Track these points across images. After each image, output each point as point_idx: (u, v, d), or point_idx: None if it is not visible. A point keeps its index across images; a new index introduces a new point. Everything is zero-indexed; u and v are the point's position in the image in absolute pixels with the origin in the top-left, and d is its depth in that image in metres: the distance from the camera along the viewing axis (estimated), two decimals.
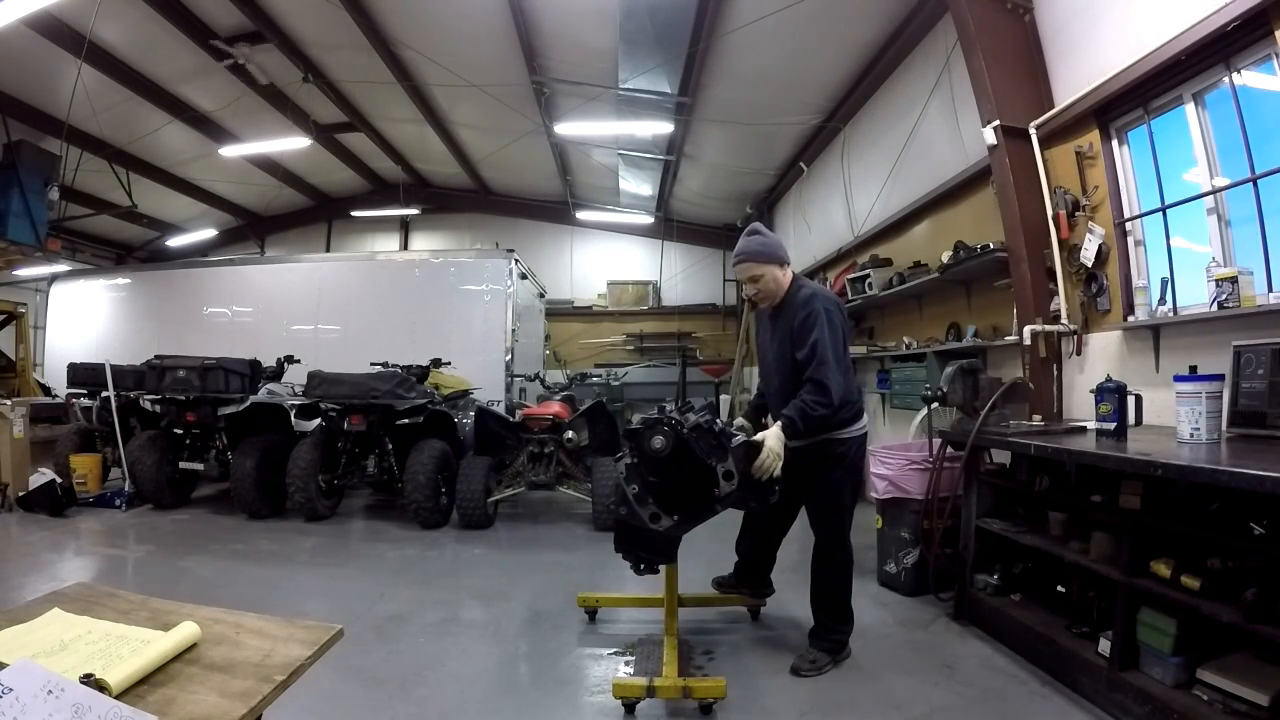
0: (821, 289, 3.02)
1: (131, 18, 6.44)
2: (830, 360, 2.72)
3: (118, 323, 9.06)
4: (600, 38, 6.32)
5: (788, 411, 2.70)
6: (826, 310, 2.80)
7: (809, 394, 2.71)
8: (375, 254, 10.75)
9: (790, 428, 2.67)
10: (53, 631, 1.21)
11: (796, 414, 2.68)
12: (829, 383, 2.69)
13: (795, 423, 2.67)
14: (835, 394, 2.70)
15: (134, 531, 5.22)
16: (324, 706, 2.47)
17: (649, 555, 2.75)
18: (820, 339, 2.74)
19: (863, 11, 5.67)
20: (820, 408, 2.69)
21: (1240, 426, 2.62)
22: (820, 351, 2.73)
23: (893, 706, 2.58)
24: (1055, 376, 4.03)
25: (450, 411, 6.06)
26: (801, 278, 3.06)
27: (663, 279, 12.69)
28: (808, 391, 2.72)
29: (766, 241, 2.97)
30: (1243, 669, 2.18)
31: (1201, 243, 3.38)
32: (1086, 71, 3.77)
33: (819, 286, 3.07)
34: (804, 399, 2.70)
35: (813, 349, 2.75)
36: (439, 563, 4.55)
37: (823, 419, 2.73)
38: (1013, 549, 3.25)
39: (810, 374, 2.74)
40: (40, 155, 7.68)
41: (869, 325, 7.27)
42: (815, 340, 2.75)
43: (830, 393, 2.69)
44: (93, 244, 12.19)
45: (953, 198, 5.43)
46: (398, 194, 11.77)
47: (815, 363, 2.73)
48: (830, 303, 2.87)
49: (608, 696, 2.56)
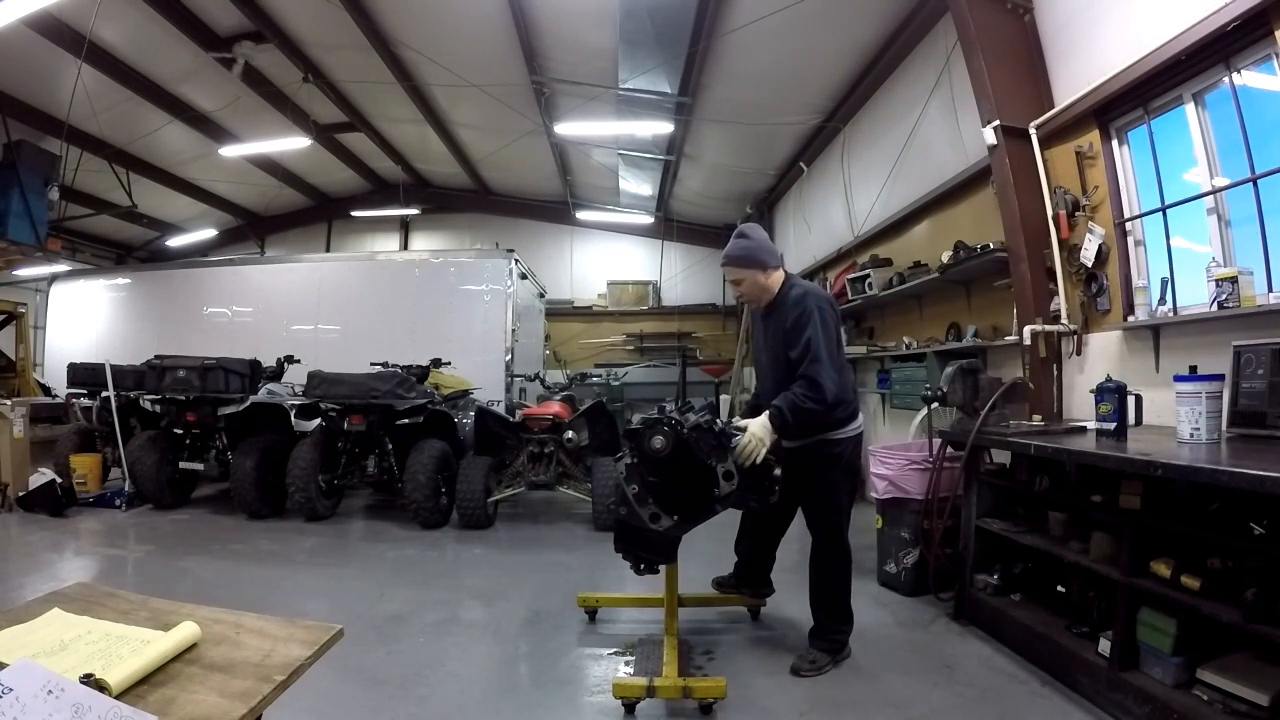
0: (814, 287, 3.01)
1: (131, 18, 6.44)
2: (823, 358, 2.71)
3: (118, 323, 9.06)
4: (600, 38, 6.32)
5: (777, 402, 2.68)
6: (819, 309, 2.79)
7: (800, 388, 2.69)
8: (375, 254, 10.74)
9: (778, 418, 2.65)
10: (53, 631, 1.21)
11: (786, 405, 2.66)
12: (822, 379, 2.67)
13: (784, 413, 2.65)
14: (829, 391, 2.68)
15: (134, 531, 5.22)
16: (324, 706, 2.47)
17: (649, 555, 2.75)
18: (813, 337, 2.73)
19: (863, 11, 5.67)
20: (810, 402, 2.66)
21: (1240, 426, 2.62)
22: (814, 349, 2.72)
23: (893, 706, 2.58)
24: (1055, 376, 4.03)
25: (450, 411, 6.06)
26: (795, 277, 3.04)
27: (663, 279, 12.69)
28: (799, 386, 2.70)
29: (747, 245, 2.96)
30: (1243, 669, 2.18)
31: (1201, 243, 3.38)
32: (1086, 71, 3.77)
33: (811, 285, 3.05)
34: (794, 391, 2.69)
35: (806, 346, 2.73)
36: (439, 563, 4.55)
37: (813, 414, 2.70)
38: (1013, 549, 3.24)
39: (804, 371, 2.72)
40: (40, 155, 7.68)
41: (869, 325, 7.27)
42: (809, 338, 2.74)
43: (823, 389, 2.67)
44: (93, 244, 12.19)
45: (953, 198, 5.43)
46: (398, 194, 11.76)
47: (809, 360, 2.72)
48: (823, 301, 2.85)
49: (608, 696, 2.56)
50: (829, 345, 2.76)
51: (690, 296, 12.64)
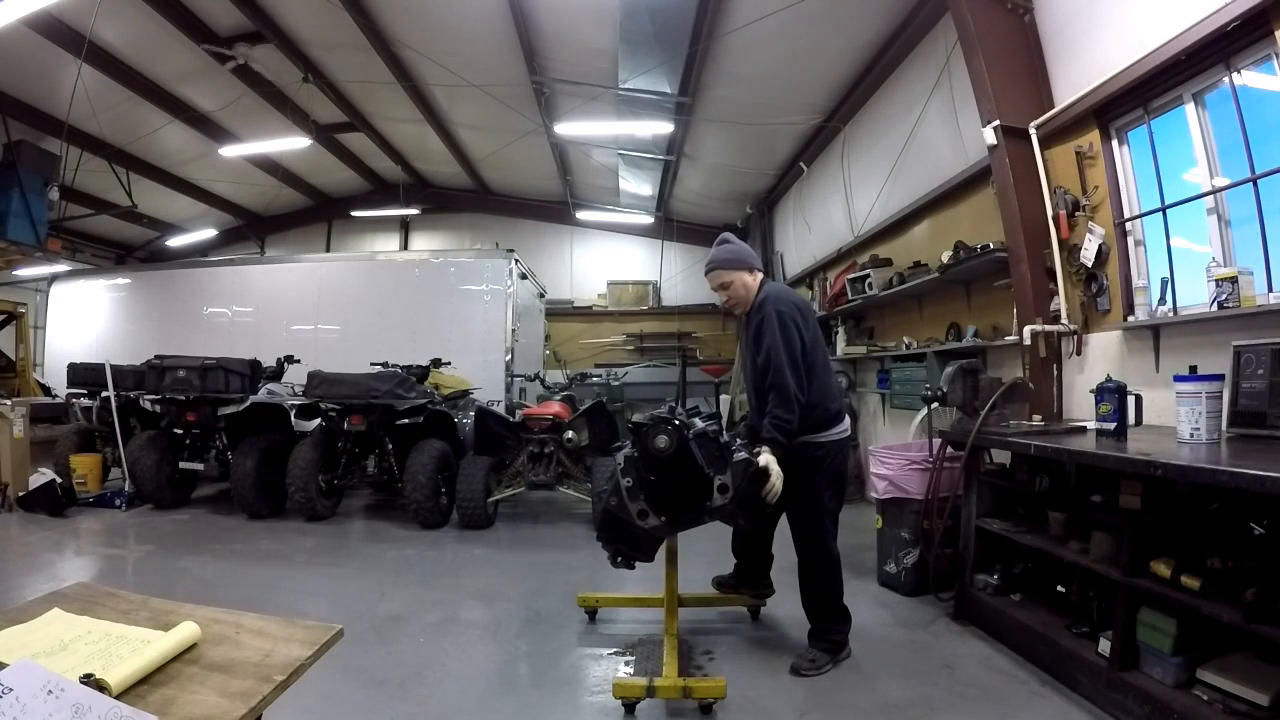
0: (777, 290, 2.98)
1: (131, 18, 6.44)
2: (784, 363, 2.71)
3: (118, 323, 9.06)
4: (600, 38, 6.32)
5: (767, 434, 2.70)
6: (778, 312, 2.77)
7: (774, 406, 2.72)
8: (375, 254, 10.74)
9: (776, 446, 2.67)
10: (53, 631, 1.21)
11: (776, 432, 2.68)
12: (787, 386, 2.69)
13: (778, 440, 2.68)
14: (796, 395, 2.69)
15: (134, 531, 5.22)
16: (324, 706, 2.47)
17: (629, 550, 2.75)
18: (772, 344, 2.74)
19: (863, 12, 5.66)
20: (787, 413, 2.69)
21: (1240, 426, 2.62)
22: (775, 358, 2.73)
23: (893, 706, 2.58)
24: (1055, 376, 4.03)
25: (450, 411, 6.06)
26: (767, 281, 3.05)
27: (663, 279, 12.69)
28: (772, 404, 2.72)
29: (734, 249, 3.00)
30: (1243, 669, 2.18)
31: (1201, 243, 3.38)
32: (1086, 71, 3.77)
33: (775, 288, 3.02)
34: (773, 413, 2.71)
35: (767, 355, 2.75)
36: (439, 563, 4.55)
37: (794, 424, 2.72)
38: (1013, 549, 3.25)
39: (770, 380, 2.73)
40: (40, 155, 7.68)
41: (869, 325, 7.27)
42: (768, 346, 2.75)
43: (790, 397, 2.68)
44: (93, 244, 12.18)
45: (953, 198, 5.43)
46: (398, 194, 11.75)
47: (772, 370, 2.73)
48: (783, 304, 2.83)
49: (608, 696, 2.56)
50: (789, 350, 2.74)
51: (690, 296, 12.62)
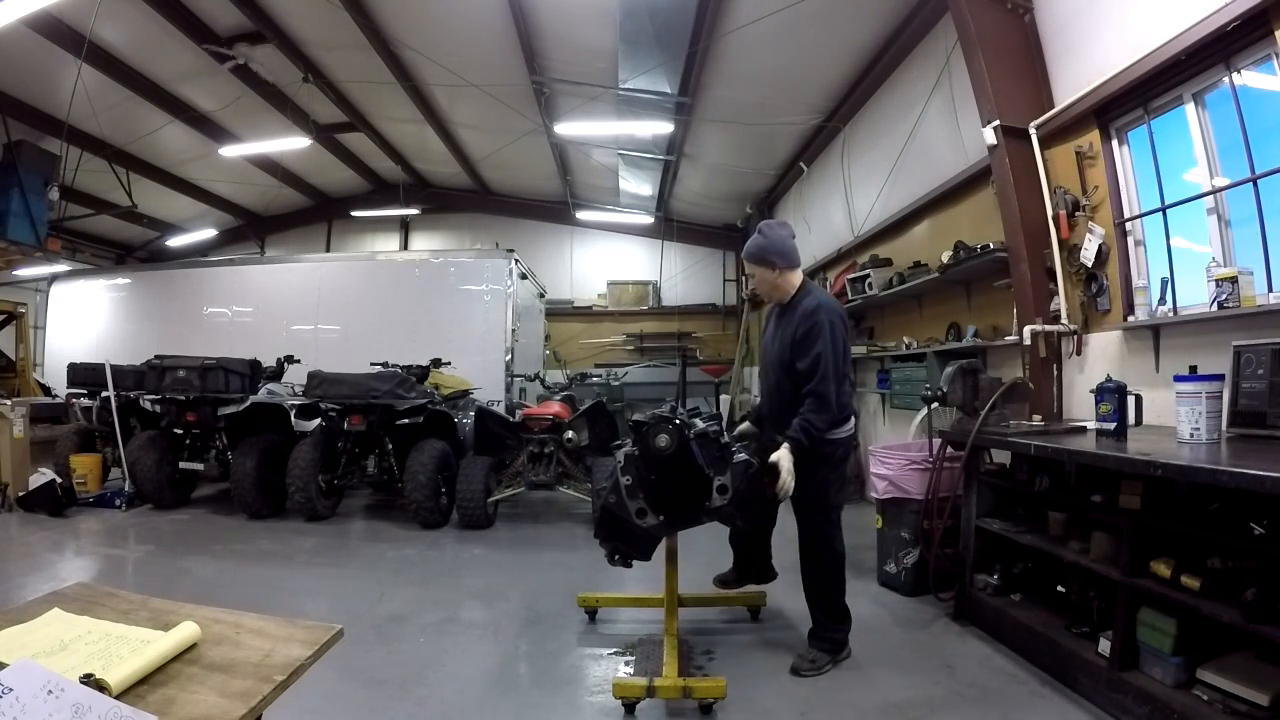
0: (828, 299, 3.04)
1: (131, 18, 6.44)
2: (830, 374, 2.79)
3: (118, 323, 9.06)
4: (600, 38, 6.32)
5: (793, 433, 2.74)
6: (831, 323, 2.85)
7: (811, 411, 2.77)
8: (375, 254, 10.74)
9: (798, 447, 2.72)
10: (53, 631, 1.21)
11: (802, 434, 2.73)
12: (830, 397, 2.78)
13: (802, 442, 2.73)
14: (832, 405, 2.80)
15: (134, 531, 5.22)
16: (324, 706, 2.47)
17: (626, 548, 2.77)
18: (823, 353, 2.79)
19: (863, 12, 5.66)
20: (822, 420, 2.77)
21: (1240, 426, 2.62)
22: (823, 367, 2.78)
23: (893, 706, 2.58)
24: (1055, 376, 4.03)
25: (450, 411, 6.06)
26: (812, 284, 3.11)
27: (663, 279, 12.68)
28: (810, 409, 2.77)
29: (763, 244, 3.02)
30: (1243, 669, 2.18)
31: (1201, 243, 3.38)
32: (1086, 71, 3.77)
33: (825, 296, 3.08)
34: (808, 418, 2.76)
35: (815, 362, 2.80)
36: (439, 563, 4.55)
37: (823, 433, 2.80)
38: (1013, 549, 3.24)
39: (813, 387, 2.79)
40: (40, 155, 7.68)
41: (869, 325, 7.27)
42: (819, 354, 2.80)
43: (831, 406, 2.79)
44: (93, 244, 12.17)
45: (953, 198, 5.42)
46: (398, 194, 11.75)
47: (818, 377, 2.79)
48: (835, 315, 2.91)
49: (608, 696, 2.56)
50: (837, 361, 2.84)
51: (690, 296, 12.63)
